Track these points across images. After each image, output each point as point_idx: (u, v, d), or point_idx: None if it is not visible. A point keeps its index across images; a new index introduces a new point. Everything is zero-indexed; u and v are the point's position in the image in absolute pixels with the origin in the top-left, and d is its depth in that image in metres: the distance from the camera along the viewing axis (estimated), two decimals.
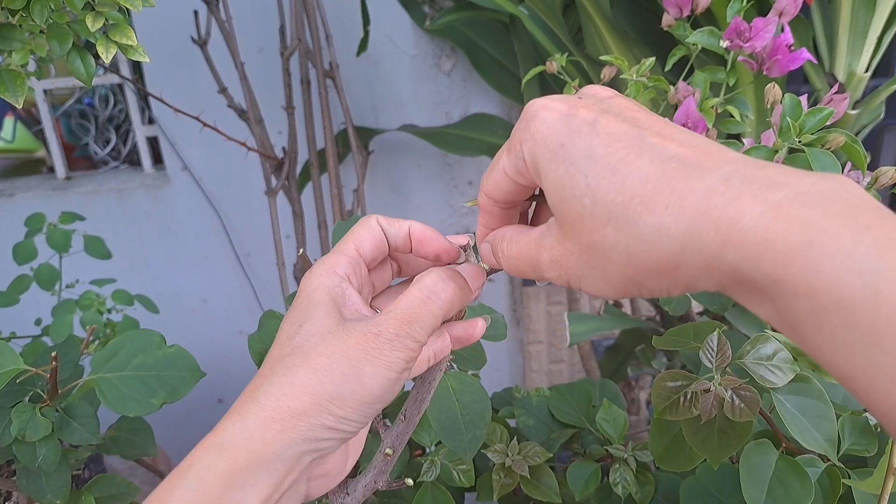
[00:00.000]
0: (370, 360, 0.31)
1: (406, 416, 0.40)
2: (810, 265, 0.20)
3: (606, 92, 0.30)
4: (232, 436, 0.29)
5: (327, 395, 0.30)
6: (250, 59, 1.26)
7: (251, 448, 0.29)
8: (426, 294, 0.33)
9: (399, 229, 0.37)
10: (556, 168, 0.27)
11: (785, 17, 0.60)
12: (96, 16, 0.47)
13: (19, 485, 0.53)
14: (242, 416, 0.30)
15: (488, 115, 1.46)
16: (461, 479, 0.57)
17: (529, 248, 0.31)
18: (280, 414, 0.30)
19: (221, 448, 0.29)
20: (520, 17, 1.14)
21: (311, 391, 0.30)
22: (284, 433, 0.29)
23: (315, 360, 0.31)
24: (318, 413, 0.30)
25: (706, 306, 0.63)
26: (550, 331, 1.78)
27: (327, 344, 0.31)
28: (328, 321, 0.32)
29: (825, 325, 0.21)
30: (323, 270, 0.34)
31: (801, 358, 0.48)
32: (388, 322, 0.32)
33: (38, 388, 0.52)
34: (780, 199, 0.22)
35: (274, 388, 0.30)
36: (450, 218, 1.65)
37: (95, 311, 0.98)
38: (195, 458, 0.29)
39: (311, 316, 0.32)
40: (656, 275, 0.25)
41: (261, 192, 1.38)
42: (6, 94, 0.49)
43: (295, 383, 0.30)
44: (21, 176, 1.67)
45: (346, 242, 0.36)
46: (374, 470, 0.41)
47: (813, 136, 0.49)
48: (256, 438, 0.29)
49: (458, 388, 0.52)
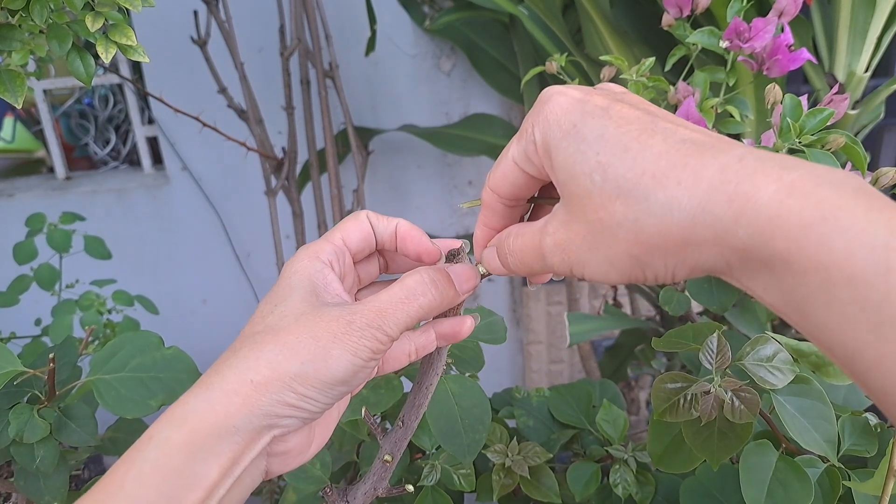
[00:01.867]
0: (337, 344, 0.31)
1: (404, 422, 0.40)
2: (823, 240, 0.20)
3: (620, 88, 0.30)
4: (193, 407, 0.30)
5: (291, 372, 0.30)
6: (250, 60, 1.26)
7: (212, 420, 0.29)
8: (405, 294, 0.33)
9: (387, 226, 0.37)
10: (567, 146, 0.27)
11: (785, 17, 0.60)
12: (96, 16, 0.47)
13: (17, 486, 0.53)
14: (206, 389, 0.30)
15: (488, 115, 1.46)
16: (462, 483, 0.57)
17: (534, 236, 0.31)
18: (243, 387, 0.30)
19: (183, 419, 0.29)
20: (520, 17, 1.14)
21: (276, 366, 0.30)
22: (245, 406, 0.29)
23: (283, 338, 0.31)
24: (280, 389, 0.30)
25: (706, 306, 0.63)
26: (550, 331, 1.78)
27: (298, 324, 0.31)
28: (303, 304, 0.32)
29: (834, 302, 0.20)
30: (306, 255, 0.35)
31: (802, 359, 0.48)
32: (362, 311, 0.32)
33: (36, 389, 0.52)
34: (795, 179, 0.22)
35: (239, 361, 0.30)
36: (450, 218, 1.65)
37: (95, 312, 0.98)
38: (156, 430, 0.29)
39: (287, 297, 0.33)
40: (663, 252, 0.25)
41: (260, 193, 1.38)
42: (6, 94, 0.49)
43: (260, 358, 0.30)
44: (21, 176, 1.66)
45: (333, 232, 0.36)
46: (373, 476, 0.41)
47: (813, 136, 0.49)
48: (218, 410, 0.29)
49: (457, 391, 0.51)
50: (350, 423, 0.61)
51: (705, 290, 0.64)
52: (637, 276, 0.27)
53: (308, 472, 0.59)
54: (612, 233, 0.26)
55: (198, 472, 0.28)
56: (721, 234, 0.23)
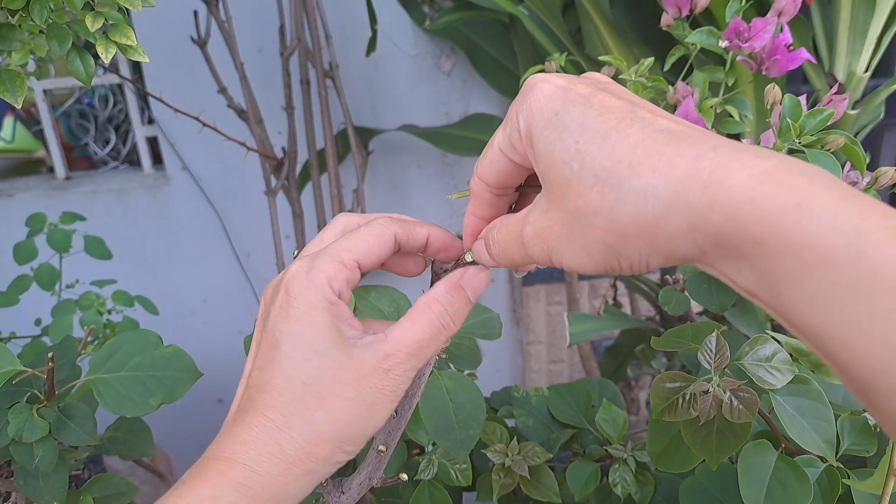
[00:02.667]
0: (380, 399, 0.31)
1: (398, 413, 0.40)
2: (796, 224, 0.21)
3: (605, 78, 0.30)
4: (257, 478, 0.30)
5: (343, 438, 0.31)
6: (250, 59, 1.26)
7: (273, 489, 0.31)
8: (438, 328, 0.32)
9: (417, 238, 0.35)
10: (549, 135, 0.27)
11: (784, 16, 0.60)
12: (96, 16, 0.47)
13: (17, 485, 0.53)
14: (266, 459, 0.30)
15: (488, 115, 1.46)
16: (459, 478, 0.57)
17: (516, 226, 0.31)
18: (302, 459, 0.31)
19: (246, 488, 0.30)
20: (519, 17, 1.14)
21: (330, 437, 0.31)
22: (304, 476, 0.31)
23: (331, 403, 0.31)
24: (334, 454, 0.31)
25: (706, 306, 0.63)
26: (550, 331, 1.78)
27: (341, 384, 0.31)
28: (336, 353, 0.31)
29: (806, 283, 0.21)
30: (320, 285, 0.32)
31: (801, 358, 0.48)
32: (397, 356, 0.31)
33: (35, 389, 0.52)
34: (768, 167, 0.22)
35: (297, 434, 0.31)
36: (450, 218, 1.65)
37: (95, 312, 0.98)
38: (217, 492, 0.30)
39: (318, 343, 0.31)
40: (637, 239, 0.25)
41: (260, 193, 1.38)
42: (6, 94, 0.49)
43: (315, 433, 0.31)
44: (21, 176, 1.66)
45: (349, 251, 0.33)
46: (368, 467, 0.41)
47: (813, 137, 0.49)
48: (280, 482, 0.31)
49: (451, 387, 0.52)
50: None
51: (705, 290, 0.64)
52: (612, 265, 0.27)
53: None
54: (588, 221, 0.26)
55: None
56: (695, 221, 0.23)
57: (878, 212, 0.20)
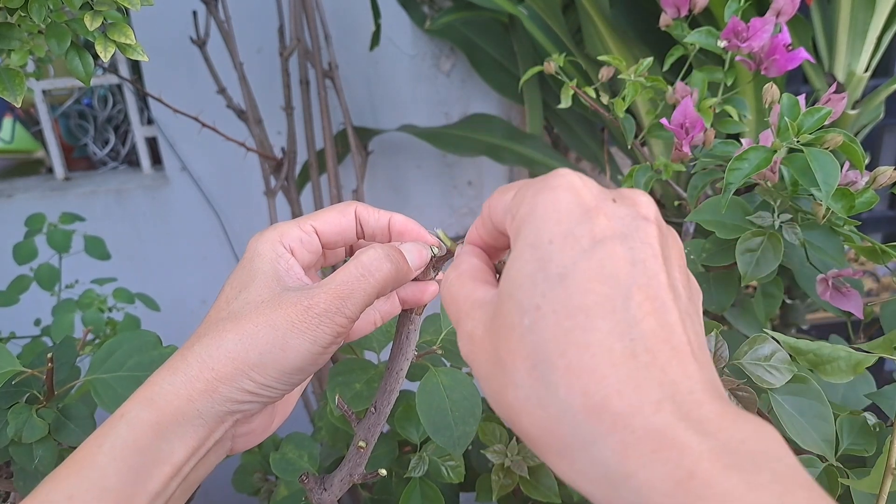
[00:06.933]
0: (296, 334, 0.32)
1: (377, 408, 0.40)
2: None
3: (646, 210, 0.25)
4: (160, 390, 0.31)
5: (250, 363, 0.31)
6: (249, 60, 1.26)
7: (177, 403, 0.31)
8: (361, 272, 0.33)
9: (378, 219, 0.37)
10: (530, 258, 0.23)
11: (783, 16, 0.60)
12: (95, 15, 0.47)
13: (17, 486, 0.53)
14: (171, 373, 0.32)
15: (488, 115, 1.46)
16: (450, 474, 0.57)
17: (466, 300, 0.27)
18: (204, 375, 0.31)
19: (150, 401, 0.31)
20: (519, 17, 1.14)
21: (235, 357, 0.31)
22: (207, 393, 0.31)
23: (243, 327, 0.32)
24: (239, 378, 0.31)
25: (705, 306, 0.63)
26: None
27: (258, 312, 0.32)
28: (265, 290, 0.33)
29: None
30: (270, 238, 0.35)
31: (800, 357, 0.48)
32: (319, 296, 0.32)
33: (34, 389, 0.52)
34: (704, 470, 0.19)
35: (203, 349, 0.32)
36: (449, 218, 1.65)
37: (96, 310, 0.98)
38: (127, 409, 0.31)
39: (250, 283, 0.34)
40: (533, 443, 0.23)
41: (260, 193, 1.38)
42: (5, 94, 0.49)
43: (221, 348, 0.32)
44: (20, 176, 1.66)
45: (309, 218, 0.36)
46: (349, 463, 0.41)
47: (811, 135, 0.49)
48: (182, 395, 0.31)
49: (448, 384, 0.52)
50: (342, 419, 0.61)
51: (704, 290, 0.64)
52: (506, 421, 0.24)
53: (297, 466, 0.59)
54: (503, 383, 0.23)
55: (165, 451, 0.30)
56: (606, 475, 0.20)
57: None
